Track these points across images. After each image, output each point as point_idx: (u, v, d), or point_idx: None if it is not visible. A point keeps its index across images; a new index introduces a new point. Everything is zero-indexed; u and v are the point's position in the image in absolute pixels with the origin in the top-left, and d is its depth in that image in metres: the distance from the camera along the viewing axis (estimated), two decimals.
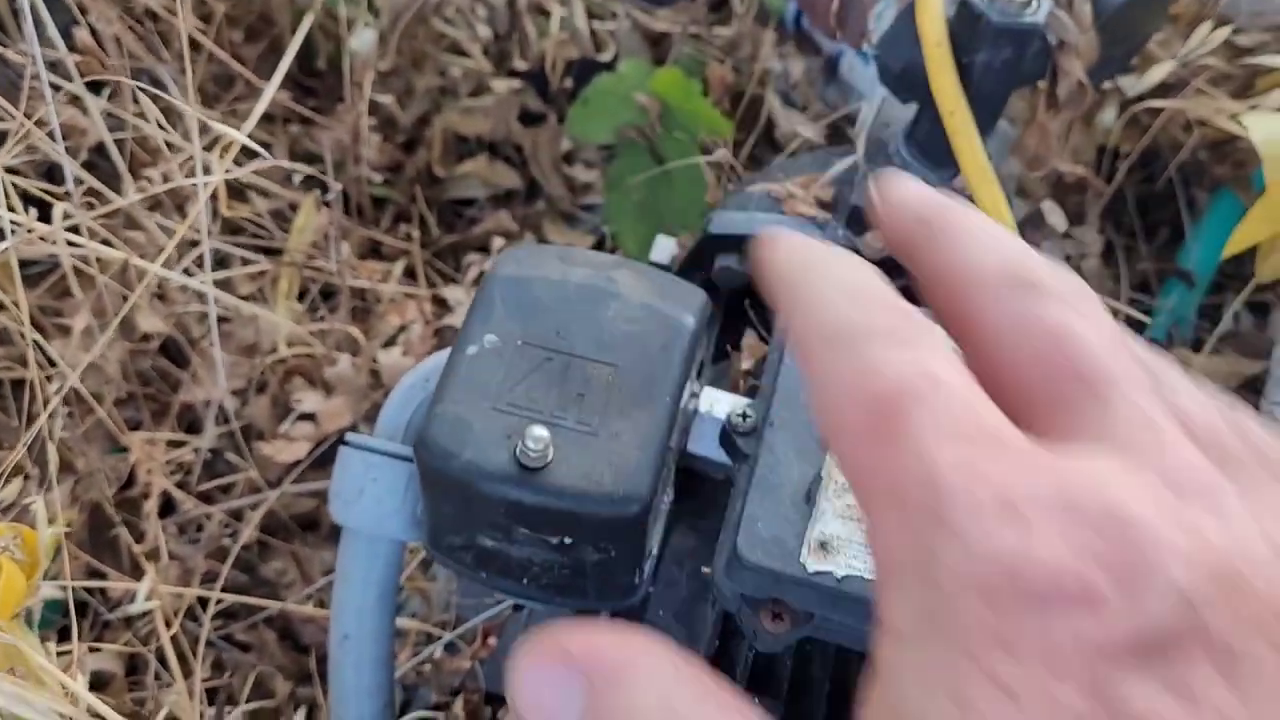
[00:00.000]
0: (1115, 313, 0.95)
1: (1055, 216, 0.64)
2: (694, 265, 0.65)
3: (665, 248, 0.71)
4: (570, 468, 0.44)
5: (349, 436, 0.53)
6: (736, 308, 0.64)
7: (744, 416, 0.49)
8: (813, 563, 0.43)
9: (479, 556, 0.49)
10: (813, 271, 0.25)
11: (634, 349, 0.47)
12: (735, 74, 0.98)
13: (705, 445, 0.53)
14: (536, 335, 0.47)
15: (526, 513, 0.44)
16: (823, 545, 0.43)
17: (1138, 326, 0.96)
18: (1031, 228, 0.64)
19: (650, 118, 0.91)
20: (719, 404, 0.52)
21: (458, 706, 0.72)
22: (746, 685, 0.49)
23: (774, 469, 0.45)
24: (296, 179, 0.92)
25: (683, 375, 0.47)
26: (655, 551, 0.52)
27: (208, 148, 0.68)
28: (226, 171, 0.63)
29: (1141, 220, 1.06)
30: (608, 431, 0.45)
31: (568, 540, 0.45)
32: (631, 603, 0.51)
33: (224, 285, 0.83)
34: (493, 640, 0.68)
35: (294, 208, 0.89)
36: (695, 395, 0.54)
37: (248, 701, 0.71)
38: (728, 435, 0.49)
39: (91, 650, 0.67)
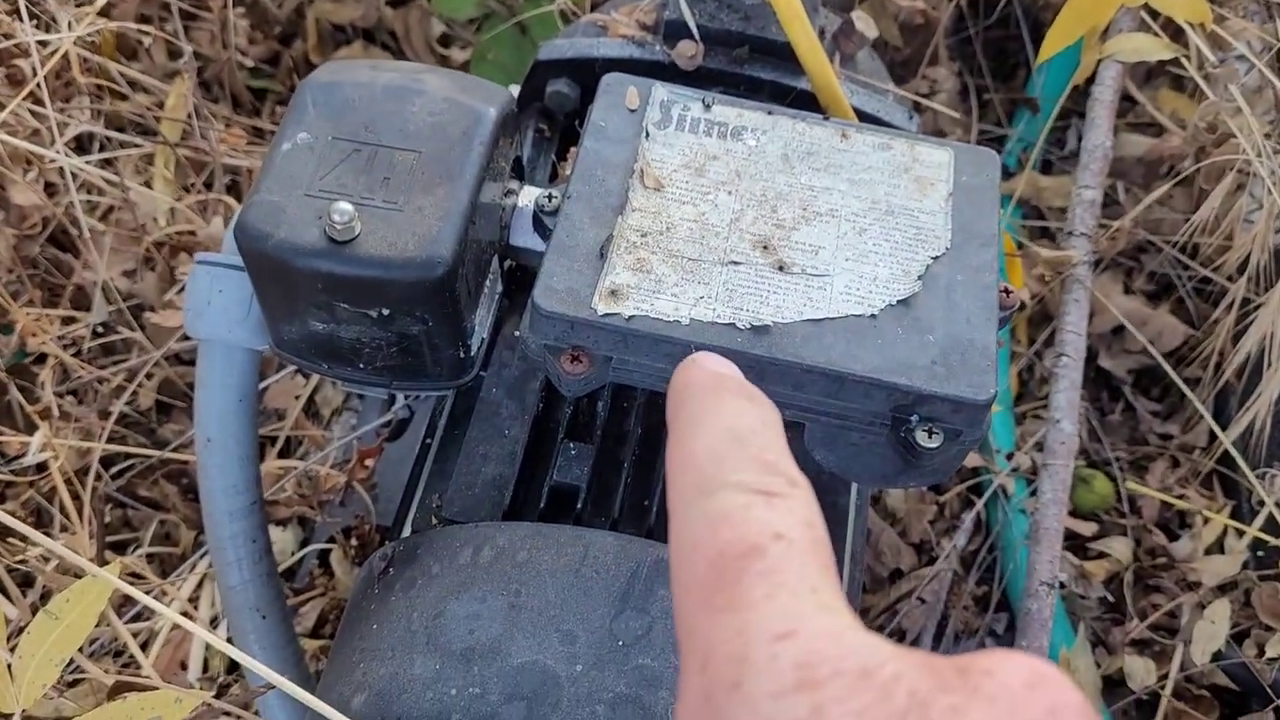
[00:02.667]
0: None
1: (864, 24, 0.68)
2: (530, 93, 0.68)
3: (515, 91, 0.75)
4: (377, 239, 0.48)
5: (199, 255, 0.57)
6: (571, 130, 0.69)
7: (550, 198, 0.53)
8: (603, 307, 0.47)
9: (315, 346, 0.53)
10: (703, 402, 0.24)
11: (437, 137, 0.51)
12: None
13: (528, 238, 0.57)
14: (346, 130, 0.51)
15: (340, 284, 0.48)
16: (613, 293, 0.48)
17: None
18: (844, 36, 0.68)
19: None
20: (531, 195, 0.56)
21: (353, 538, 0.77)
22: (565, 434, 0.53)
23: (570, 233, 0.49)
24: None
25: (484, 156, 0.51)
26: (486, 336, 0.56)
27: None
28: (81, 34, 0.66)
29: (999, 63, 1.11)
30: (412, 207, 0.49)
31: (385, 311, 0.49)
32: (465, 381, 0.56)
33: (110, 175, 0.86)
34: (370, 463, 0.73)
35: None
36: (515, 193, 0.58)
37: (152, 548, 0.76)
38: (538, 218, 0.54)
39: None
